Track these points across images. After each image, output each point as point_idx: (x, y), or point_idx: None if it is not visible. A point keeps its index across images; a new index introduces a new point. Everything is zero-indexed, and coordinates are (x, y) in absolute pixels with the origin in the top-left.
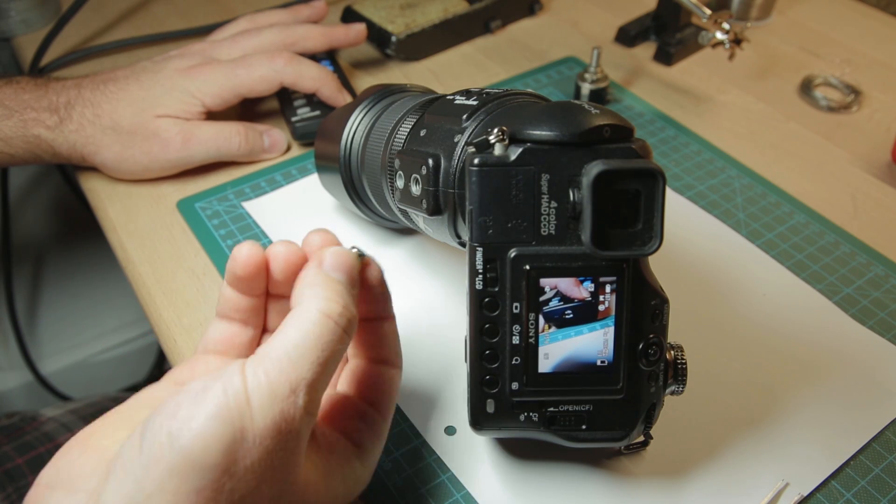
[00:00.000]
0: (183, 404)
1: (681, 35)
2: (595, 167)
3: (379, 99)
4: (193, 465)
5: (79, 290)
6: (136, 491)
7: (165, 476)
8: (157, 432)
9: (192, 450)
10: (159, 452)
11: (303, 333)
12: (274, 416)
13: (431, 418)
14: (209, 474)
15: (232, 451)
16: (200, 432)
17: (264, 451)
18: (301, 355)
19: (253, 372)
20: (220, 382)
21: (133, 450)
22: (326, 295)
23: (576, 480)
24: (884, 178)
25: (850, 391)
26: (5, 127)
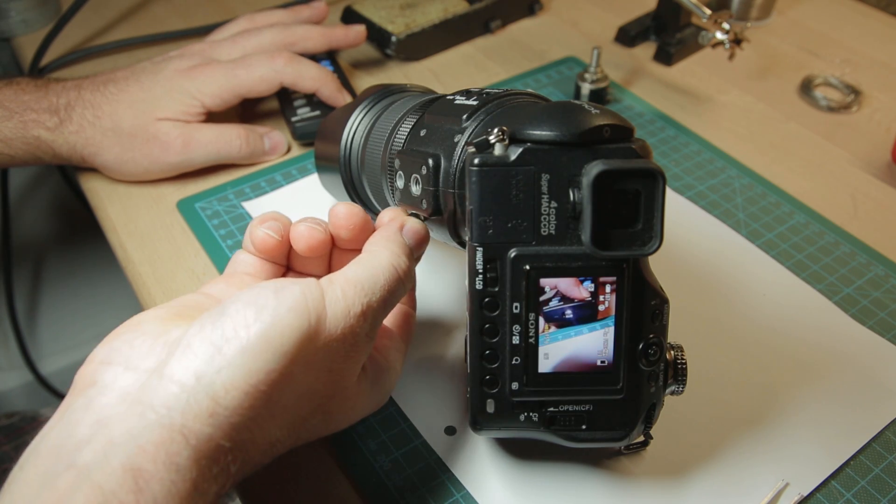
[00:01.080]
0: (262, 294)
1: (681, 35)
2: (595, 167)
3: (379, 99)
4: (268, 348)
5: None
6: (205, 365)
7: (238, 354)
8: (233, 315)
9: (269, 334)
10: (234, 332)
11: (374, 272)
12: (345, 328)
13: (431, 418)
14: (281, 359)
15: (304, 345)
16: (279, 320)
17: (330, 354)
18: (373, 287)
19: (330, 286)
20: (298, 286)
21: (205, 329)
22: (397, 251)
23: (576, 480)
24: (884, 178)
25: (850, 391)
26: (5, 128)
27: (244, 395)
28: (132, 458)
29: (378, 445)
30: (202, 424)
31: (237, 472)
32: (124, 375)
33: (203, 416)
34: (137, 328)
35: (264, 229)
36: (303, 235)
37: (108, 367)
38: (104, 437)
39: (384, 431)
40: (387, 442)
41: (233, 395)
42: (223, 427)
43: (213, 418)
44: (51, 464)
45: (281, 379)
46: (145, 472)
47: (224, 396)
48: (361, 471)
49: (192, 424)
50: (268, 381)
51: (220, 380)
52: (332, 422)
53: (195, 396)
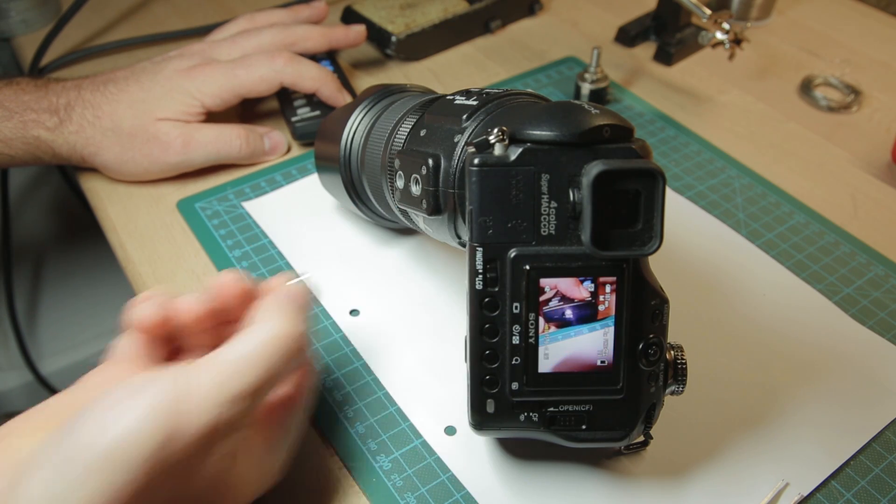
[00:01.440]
0: (120, 398)
1: (681, 35)
2: (595, 167)
3: (379, 99)
4: (122, 460)
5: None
6: (54, 484)
7: (90, 470)
8: (81, 429)
9: (122, 443)
10: (86, 444)
11: (252, 347)
12: (211, 419)
13: (431, 418)
14: (134, 472)
15: (163, 449)
16: (135, 427)
17: (196, 452)
18: (249, 367)
19: (197, 374)
20: (161, 381)
21: (54, 444)
22: (281, 318)
23: (576, 480)
24: (884, 178)
25: (850, 391)
26: (5, 128)
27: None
28: None
29: (378, 445)
30: None
31: None
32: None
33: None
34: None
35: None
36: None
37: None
38: None
39: (384, 431)
40: (387, 442)
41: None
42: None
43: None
44: None
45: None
46: None
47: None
48: (362, 471)
49: None
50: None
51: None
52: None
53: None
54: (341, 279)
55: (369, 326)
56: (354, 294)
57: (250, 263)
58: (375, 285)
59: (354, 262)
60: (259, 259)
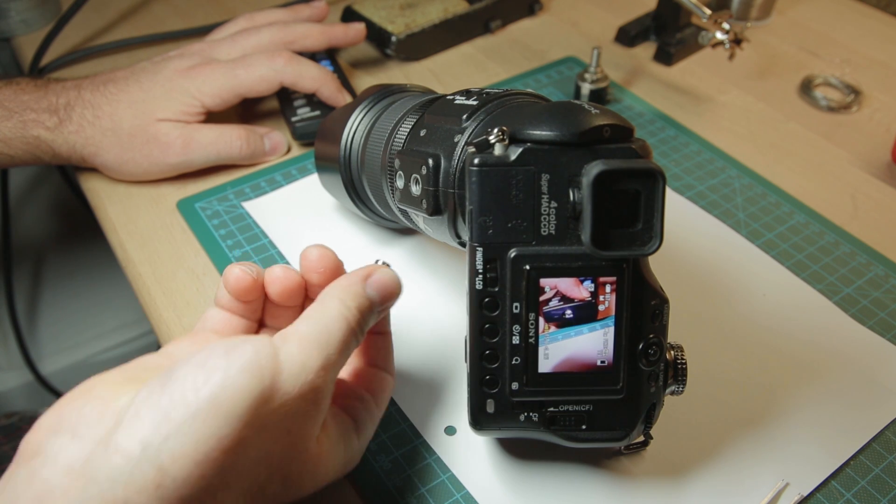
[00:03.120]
0: (212, 355)
1: (681, 35)
2: (595, 167)
3: (379, 99)
4: (218, 412)
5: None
6: (153, 433)
7: (188, 420)
8: (183, 378)
9: (220, 397)
10: (183, 398)
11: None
12: (301, 386)
13: (431, 418)
14: (233, 424)
15: (258, 407)
16: (230, 382)
17: (286, 415)
18: (327, 340)
19: (284, 343)
20: (250, 344)
21: (153, 395)
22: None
23: (576, 480)
24: (884, 178)
25: (850, 391)
26: (5, 128)
27: (194, 464)
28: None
29: (378, 445)
30: (147, 497)
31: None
32: (71, 445)
33: (148, 488)
34: (89, 394)
35: (240, 268)
36: (278, 277)
37: (54, 436)
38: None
39: (384, 431)
40: (387, 442)
41: (181, 465)
42: (171, 500)
43: (159, 490)
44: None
45: (234, 445)
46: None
47: (171, 466)
48: (361, 470)
49: (135, 498)
50: (220, 447)
51: (167, 448)
52: (292, 486)
53: (140, 467)
54: None
55: None
56: None
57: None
58: None
59: (354, 262)
60: (259, 259)
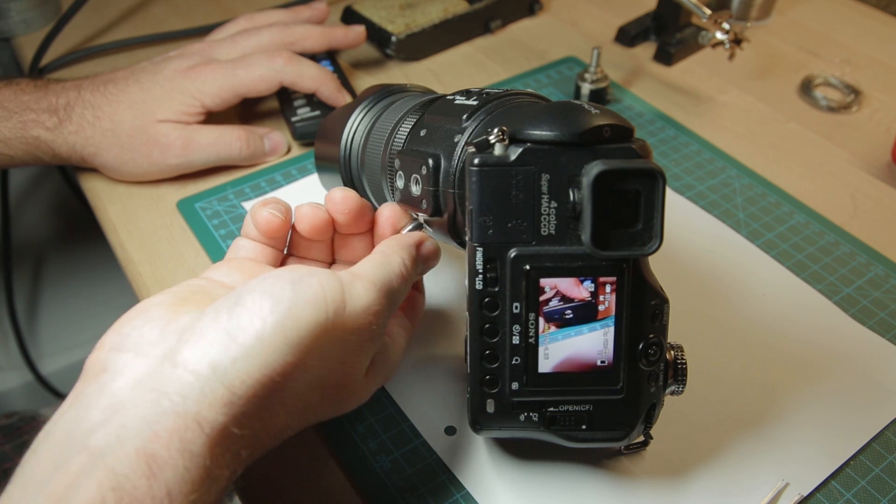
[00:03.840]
0: (278, 285)
1: (681, 35)
2: (595, 167)
3: (379, 99)
4: (284, 339)
5: (79, 290)
6: (221, 355)
7: (255, 344)
8: (249, 305)
9: (286, 325)
10: (250, 322)
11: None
12: (361, 324)
13: (431, 418)
14: (297, 351)
15: (320, 337)
16: (297, 312)
17: (344, 347)
18: (388, 287)
19: (350, 282)
20: (316, 277)
21: (220, 318)
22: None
23: (576, 480)
24: (884, 178)
25: (850, 391)
26: (4, 128)
27: (259, 385)
28: (146, 443)
29: (378, 445)
30: (217, 413)
31: (248, 458)
32: (135, 362)
33: (218, 405)
34: (146, 314)
35: (269, 209)
36: (306, 215)
37: (118, 354)
38: (117, 421)
39: (384, 431)
40: (387, 442)
41: (248, 385)
42: (237, 416)
43: (227, 407)
44: (64, 447)
45: (295, 371)
46: (159, 458)
47: (239, 386)
48: (361, 471)
49: (206, 413)
50: (283, 372)
51: (235, 370)
52: (340, 407)
53: (210, 386)
54: None
55: None
56: None
57: None
58: None
59: None
60: None
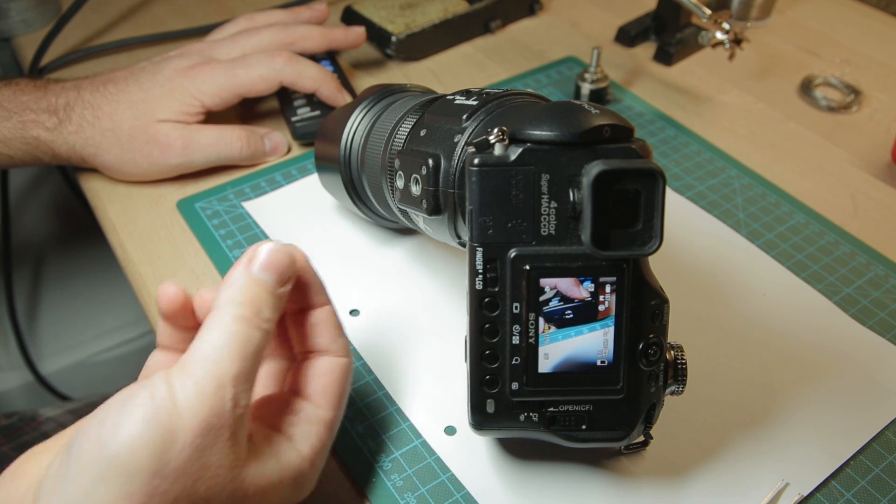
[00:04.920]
0: (110, 413)
1: (681, 35)
2: (595, 167)
3: (379, 99)
4: (122, 470)
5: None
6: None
7: (95, 483)
8: (84, 442)
9: (120, 454)
10: (87, 461)
11: (220, 335)
12: (204, 413)
13: (431, 418)
14: (139, 478)
15: (161, 453)
16: (128, 437)
17: (196, 450)
18: (221, 355)
19: (178, 376)
20: (146, 389)
21: (61, 465)
22: (240, 300)
23: (576, 480)
24: (884, 178)
25: (850, 391)
26: (4, 129)
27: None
28: None
29: (378, 445)
30: None
31: None
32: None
33: None
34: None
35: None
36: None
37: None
38: None
39: (384, 431)
40: (387, 442)
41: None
42: None
43: None
44: None
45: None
46: None
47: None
48: (361, 470)
49: None
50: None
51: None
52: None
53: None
54: (341, 279)
55: (369, 326)
56: (354, 294)
57: None
58: (375, 285)
59: (354, 262)
60: None
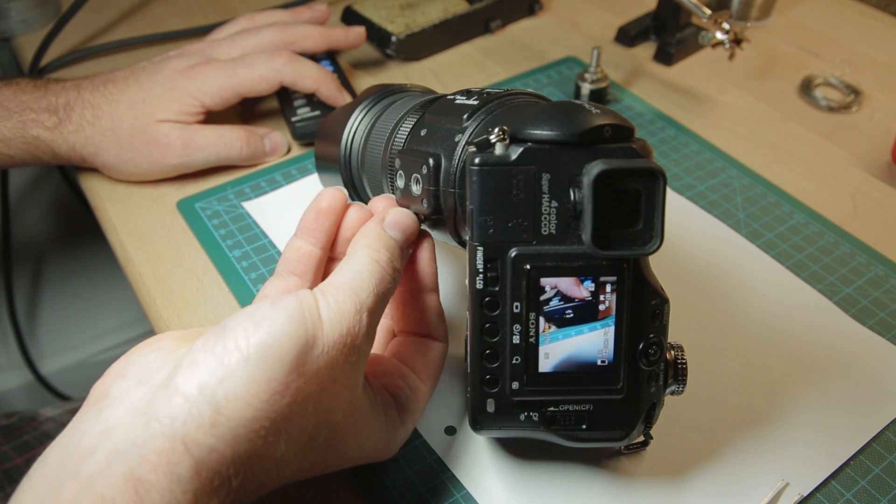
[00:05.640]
0: (260, 307)
1: (681, 35)
2: (596, 167)
3: (379, 99)
4: (268, 358)
5: (79, 290)
6: (210, 376)
7: (241, 364)
8: (234, 328)
9: (269, 344)
10: (236, 344)
11: (360, 269)
12: (342, 330)
13: (431, 418)
14: (281, 368)
15: (303, 353)
16: (277, 330)
17: (330, 361)
18: (361, 285)
19: (322, 294)
20: (295, 296)
21: (209, 343)
22: (377, 246)
23: (576, 480)
24: (884, 178)
25: (850, 391)
26: (4, 128)
27: (246, 405)
28: (133, 467)
29: None
30: (204, 434)
31: (239, 488)
32: (136, 389)
33: (205, 425)
34: (155, 344)
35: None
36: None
37: (121, 381)
38: (108, 446)
39: None
40: None
41: (235, 406)
42: (225, 438)
43: (215, 428)
44: (57, 472)
45: (282, 388)
46: (146, 482)
47: (226, 406)
48: (361, 470)
49: (194, 434)
50: (269, 390)
51: (221, 390)
52: (340, 444)
53: (197, 406)
54: None
55: None
56: None
57: (250, 263)
58: None
59: None
60: (259, 259)
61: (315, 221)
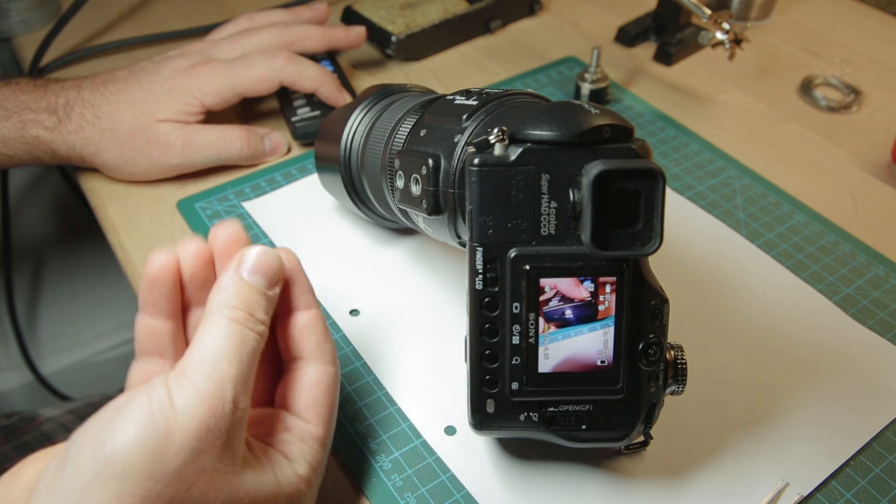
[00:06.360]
0: (107, 416)
1: (681, 35)
2: (595, 167)
3: (379, 99)
4: (117, 472)
5: (79, 290)
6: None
7: (89, 485)
8: (81, 444)
9: (115, 456)
10: (83, 462)
11: (216, 338)
12: (201, 416)
13: (431, 418)
14: (133, 480)
15: (157, 456)
16: (124, 439)
17: (193, 453)
18: (219, 356)
19: (175, 380)
20: (144, 393)
21: (57, 466)
22: (233, 303)
23: (576, 480)
24: (884, 178)
25: (850, 391)
26: (4, 128)
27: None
28: None
29: (378, 445)
30: None
31: None
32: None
33: None
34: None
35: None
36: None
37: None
38: None
39: (384, 431)
40: (387, 442)
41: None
42: None
43: None
44: None
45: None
46: None
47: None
48: (361, 470)
49: None
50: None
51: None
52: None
53: None
54: (341, 279)
55: (369, 326)
56: (354, 294)
57: None
58: (375, 285)
59: (354, 262)
60: None
61: (150, 293)
